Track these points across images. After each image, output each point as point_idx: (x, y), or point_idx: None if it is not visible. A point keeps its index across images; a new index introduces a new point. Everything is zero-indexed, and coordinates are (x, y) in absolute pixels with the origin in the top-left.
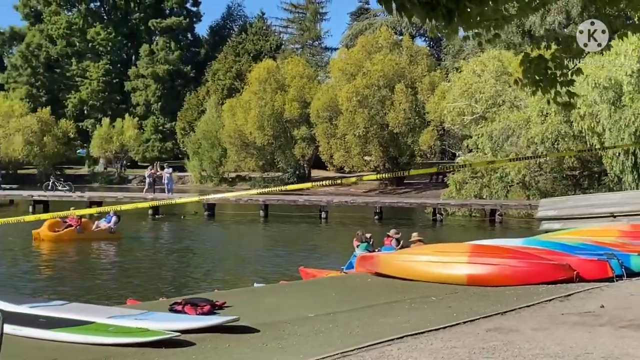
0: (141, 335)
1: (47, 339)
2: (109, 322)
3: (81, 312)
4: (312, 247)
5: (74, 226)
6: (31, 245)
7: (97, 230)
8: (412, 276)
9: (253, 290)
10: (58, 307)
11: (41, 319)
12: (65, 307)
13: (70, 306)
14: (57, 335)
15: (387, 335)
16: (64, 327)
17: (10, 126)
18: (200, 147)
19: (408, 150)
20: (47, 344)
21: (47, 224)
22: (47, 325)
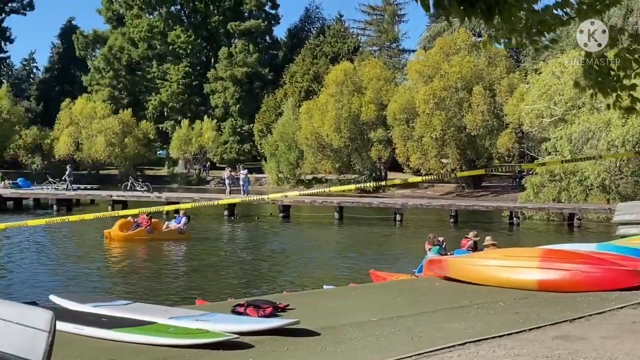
0: (200, 336)
1: (108, 339)
2: (169, 322)
3: (143, 312)
4: (385, 249)
5: (144, 226)
6: (102, 245)
7: (167, 231)
8: (481, 281)
9: (318, 293)
10: (121, 307)
11: (103, 319)
12: (128, 307)
13: (133, 306)
14: (118, 335)
15: (449, 341)
16: (124, 327)
17: (93, 127)
18: (277, 149)
19: (486, 153)
20: (108, 344)
21: (118, 224)
22: (109, 325)
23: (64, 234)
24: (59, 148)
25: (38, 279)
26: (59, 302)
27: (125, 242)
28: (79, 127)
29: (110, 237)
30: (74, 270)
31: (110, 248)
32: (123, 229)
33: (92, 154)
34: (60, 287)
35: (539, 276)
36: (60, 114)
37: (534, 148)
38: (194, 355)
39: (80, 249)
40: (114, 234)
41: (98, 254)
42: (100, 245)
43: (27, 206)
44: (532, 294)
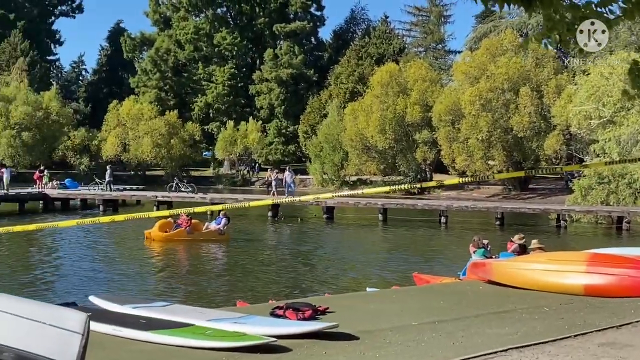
0: (238, 339)
1: (146, 341)
2: (207, 325)
3: (182, 314)
4: (429, 252)
5: (184, 227)
6: (143, 245)
7: (207, 232)
8: (526, 285)
9: (359, 296)
10: (160, 309)
11: (142, 320)
12: (167, 308)
13: (172, 308)
14: (155, 337)
15: (491, 347)
16: (162, 329)
17: (140, 129)
18: (322, 150)
19: (533, 154)
20: (145, 346)
21: (158, 225)
22: (147, 327)
23: (105, 234)
24: (106, 149)
25: (78, 279)
26: (98, 303)
27: (165, 242)
28: (126, 129)
29: (150, 238)
30: (115, 271)
31: (150, 248)
32: (163, 229)
33: (139, 155)
34: (100, 287)
35: (585, 281)
36: (108, 115)
37: (582, 150)
38: (230, 359)
39: (121, 249)
40: (154, 234)
41: (138, 254)
42: (141, 245)
43: (74, 206)
44: (579, 299)
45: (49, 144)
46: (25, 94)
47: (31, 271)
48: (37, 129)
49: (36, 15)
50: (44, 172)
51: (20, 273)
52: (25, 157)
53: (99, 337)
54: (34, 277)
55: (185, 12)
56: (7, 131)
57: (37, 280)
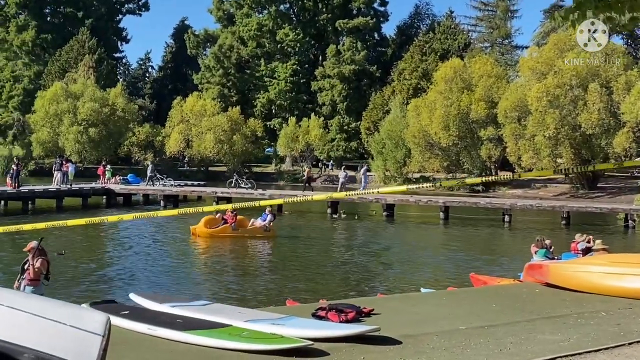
0: (274, 342)
1: (179, 341)
2: (245, 326)
3: (220, 313)
4: (490, 252)
5: (230, 223)
6: (189, 242)
7: (252, 228)
8: (584, 288)
9: (407, 297)
10: (199, 308)
11: (178, 320)
12: (206, 307)
13: (212, 307)
14: (190, 337)
15: (538, 355)
16: (198, 330)
17: (203, 125)
18: (385, 147)
19: (601, 152)
20: (179, 346)
21: (203, 221)
22: (183, 327)
23: (154, 230)
24: (170, 145)
25: (124, 276)
26: (138, 301)
27: (211, 238)
28: (189, 125)
29: (195, 234)
30: (160, 267)
31: (195, 245)
32: (208, 225)
33: (202, 151)
34: (144, 285)
35: None
36: (172, 111)
37: None
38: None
39: (167, 246)
40: (199, 230)
41: (184, 250)
42: (187, 242)
43: (137, 202)
44: (638, 303)
45: (114, 139)
46: (92, 91)
47: (74, 268)
48: (103, 125)
49: (104, 14)
50: (107, 167)
51: (65, 269)
52: (91, 153)
53: (133, 336)
54: (77, 274)
55: (249, 9)
56: (74, 127)
57: (81, 276)
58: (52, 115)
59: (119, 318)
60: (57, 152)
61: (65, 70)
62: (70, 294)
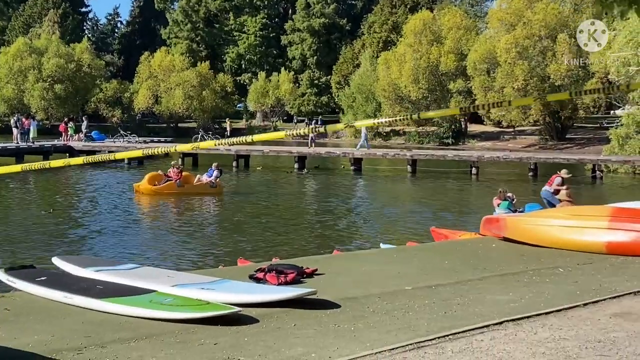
0: (198, 309)
1: (97, 310)
2: (171, 291)
3: (147, 278)
4: (456, 204)
5: (174, 180)
6: (132, 200)
7: (199, 184)
8: (543, 242)
9: (356, 255)
10: (125, 272)
11: (98, 286)
12: (133, 272)
13: (139, 271)
14: (107, 305)
15: (486, 319)
16: (117, 297)
17: (171, 81)
18: (355, 101)
19: (570, 103)
20: (95, 316)
21: (147, 177)
22: (101, 294)
23: (94, 187)
24: (138, 101)
25: (51, 236)
26: (60, 265)
27: (155, 196)
28: (158, 81)
29: (139, 191)
30: (96, 227)
31: (139, 203)
32: (153, 182)
33: (171, 107)
34: (74, 246)
35: (607, 238)
36: (140, 67)
37: (621, 98)
38: (185, 332)
39: (106, 204)
40: (142, 187)
41: (125, 209)
42: (129, 199)
43: None
44: (599, 258)
45: (81, 96)
46: (57, 46)
47: (4, 227)
48: (69, 82)
49: None
50: (70, 124)
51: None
52: (58, 110)
53: (47, 305)
54: (5, 234)
55: None
56: (39, 84)
57: (6, 237)
58: (16, 72)
59: (35, 285)
60: (23, 109)
61: (29, 25)
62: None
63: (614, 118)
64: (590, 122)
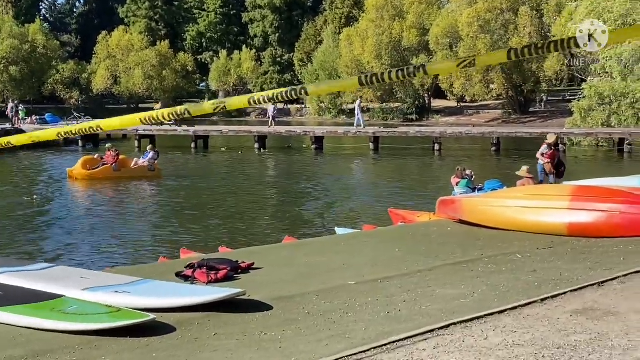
0: (105, 319)
1: None
2: (81, 296)
3: (57, 281)
4: (417, 183)
5: (110, 163)
6: (65, 186)
7: (136, 168)
8: (501, 225)
9: (301, 245)
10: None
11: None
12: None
13: (52, 272)
14: (1, 315)
15: (433, 320)
16: (14, 305)
17: (130, 60)
18: (318, 78)
19: (533, 76)
20: None
21: (81, 162)
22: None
23: (27, 173)
24: (97, 82)
25: None
26: None
27: (90, 181)
28: (116, 61)
29: (73, 176)
30: (22, 218)
31: (72, 189)
32: (87, 166)
33: (130, 88)
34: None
35: (569, 219)
36: (98, 47)
37: (583, 70)
38: (86, 347)
39: (37, 191)
40: (76, 172)
41: (56, 196)
42: (62, 185)
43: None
44: (561, 240)
45: (37, 78)
46: (10, 27)
47: None
48: (24, 63)
49: None
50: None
51: None
52: (14, 92)
53: None
54: None
55: None
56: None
57: None
58: None
59: None
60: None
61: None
62: None
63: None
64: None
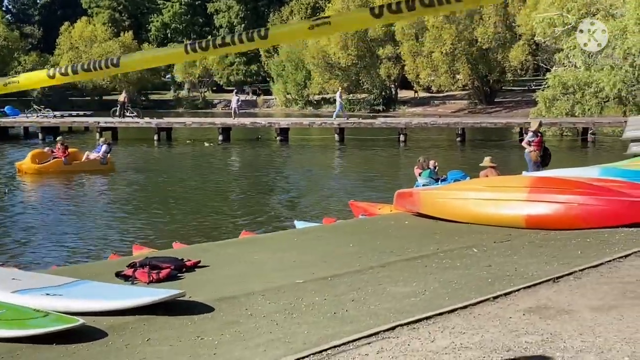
0: (31, 324)
1: None
2: (10, 299)
3: None
4: (380, 175)
5: (60, 157)
6: (13, 181)
7: (87, 162)
8: (459, 218)
9: (254, 240)
10: None
11: None
12: None
13: None
14: None
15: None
16: None
17: (93, 52)
18: (285, 69)
19: (498, 66)
20: None
21: (30, 155)
22: None
23: None
24: None
25: None
26: None
27: (39, 175)
28: (80, 52)
29: (22, 171)
30: None
31: (21, 184)
32: (36, 160)
33: (94, 80)
34: None
35: (527, 211)
36: (60, 38)
37: (548, 60)
38: (7, 356)
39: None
40: (25, 166)
41: (7, 192)
42: (11, 180)
43: (17, 135)
44: (518, 233)
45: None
46: None
47: None
48: None
49: None
50: None
51: None
52: None
53: None
54: None
55: None
56: None
57: None
58: None
59: None
60: None
61: None
62: None
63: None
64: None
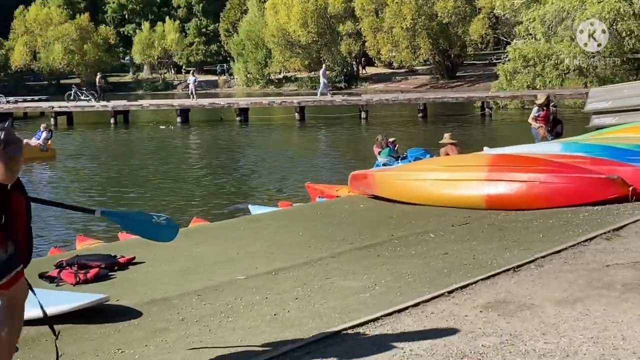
0: None
1: None
2: None
3: None
4: (341, 154)
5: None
6: None
7: (27, 149)
8: (416, 200)
9: (198, 230)
10: None
11: None
12: None
13: None
14: None
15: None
16: None
17: (49, 35)
18: (245, 48)
19: (458, 40)
20: None
21: None
22: None
23: None
24: (15, 58)
25: None
26: None
27: None
28: (35, 36)
29: None
30: None
31: None
32: None
33: (50, 63)
34: None
35: (487, 191)
36: (15, 22)
37: (508, 33)
38: None
39: None
40: None
41: None
42: None
43: None
44: (478, 215)
45: None
46: None
47: None
48: None
49: None
50: None
51: None
52: None
53: None
54: None
55: None
56: None
57: None
58: None
59: None
60: None
61: None
62: None
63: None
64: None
